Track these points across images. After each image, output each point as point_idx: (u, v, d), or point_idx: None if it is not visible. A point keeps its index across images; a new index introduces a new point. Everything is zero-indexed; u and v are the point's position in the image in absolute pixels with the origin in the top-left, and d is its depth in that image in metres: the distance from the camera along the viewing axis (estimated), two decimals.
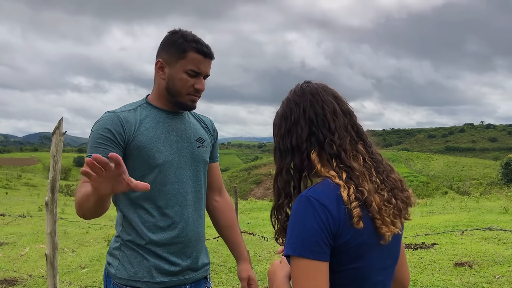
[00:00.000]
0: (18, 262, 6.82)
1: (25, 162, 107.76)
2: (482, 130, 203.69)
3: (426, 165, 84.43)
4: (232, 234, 1.99)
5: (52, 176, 2.89)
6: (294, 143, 1.20)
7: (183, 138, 1.77)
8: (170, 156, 1.71)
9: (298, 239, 1.06)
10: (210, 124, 1.95)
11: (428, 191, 46.22)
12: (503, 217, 10.38)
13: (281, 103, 1.29)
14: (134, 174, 1.64)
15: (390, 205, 1.14)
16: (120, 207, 1.72)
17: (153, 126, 1.71)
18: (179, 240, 1.72)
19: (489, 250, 6.62)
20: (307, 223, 1.06)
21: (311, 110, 1.20)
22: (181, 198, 1.73)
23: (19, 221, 11.29)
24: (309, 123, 1.19)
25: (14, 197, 29.32)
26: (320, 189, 1.12)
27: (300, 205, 1.10)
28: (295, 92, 1.25)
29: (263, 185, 66.08)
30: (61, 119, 2.89)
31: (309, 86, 1.25)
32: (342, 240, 1.08)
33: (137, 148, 1.65)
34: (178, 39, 1.69)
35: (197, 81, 1.71)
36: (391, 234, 1.12)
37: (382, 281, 1.17)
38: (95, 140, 1.61)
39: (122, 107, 1.73)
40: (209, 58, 1.71)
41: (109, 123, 1.62)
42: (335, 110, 1.20)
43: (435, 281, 5.23)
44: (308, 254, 1.05)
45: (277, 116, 1.28)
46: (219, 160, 2.02)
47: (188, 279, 1.76)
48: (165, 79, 1.72)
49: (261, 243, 7.62)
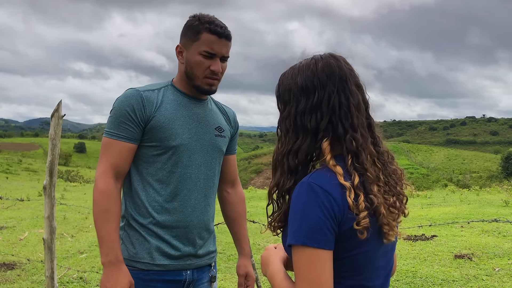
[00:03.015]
0: (17, 246, 6.82)
1: (25, 147, 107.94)
2: (484, 124, 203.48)
3: (427, 158, 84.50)
4: (238, 228, 1.98)
5: (51, 160, 2.85)
6: (313, 125, 1.11)
7: (202, 124, 1.76)
8: (186, 139, 1.70)
9: (302, 228, 1.02)
10: (232, 116, 1.94)
11: (428, 183, 46.23)
12: (503, 210, 10.37)
13: (301, 66, 1.16)
14: (149, 153, 1.68)
15: (395, 210, 1.11)
16: (132, 182, 1.71)
17: (173, 108, 1.70)
18: (182, 224, 1.70)
19: (489, 243, 6.61)
20: (310, 210, 1.02)
21: (336, 99, 1.10)
22: (191, 182, 1.71)
23: (18, 205, 11.30)
24: (330, 112, 1.10)
25: (14, 182, 29.40)
26: (321, 175, 1.06)
27: (302, 192, 1.04)
28: (323, 68, 1.12)
29: (263, 174, 66.23)
30: (59, 102, 2.84)
31: (339, 67, 1.13)
32: (348, 226, 1.03)
33: (154, 128, 1.65)
34: (194, 22, 1.69)
35: (212, 63, 1.68)
36: (394, 235, 1.09)
37: (384, 266, 1.14)
38: (118, 117, 1.64)
39: (147, 85, 1.74)
40: (224, 38, 1.68)
41: (131, 101, 1.64)
42: (359, 104, 1.12)
43: (435, 273, 5.22)
44: (312, 243, 1.00)
45: (294, 83, 1.15)
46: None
47: (189, 265, 1.74)
48: (184, 63, 1.72)
49: (261, 231, 7.62)
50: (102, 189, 1.61)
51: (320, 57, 1.16)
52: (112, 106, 1.68)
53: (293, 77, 1.16)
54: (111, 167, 1.63)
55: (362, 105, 1.14)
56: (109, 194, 1.61)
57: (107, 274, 1.56)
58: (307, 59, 1.17)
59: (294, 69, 1.17)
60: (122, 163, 1.64)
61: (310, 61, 1.16)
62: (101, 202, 1.60)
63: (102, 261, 1.57)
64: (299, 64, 1.18)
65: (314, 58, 1.16)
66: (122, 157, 1.64)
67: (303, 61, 1.17)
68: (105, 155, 1.64)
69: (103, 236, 1.58)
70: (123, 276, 1.57)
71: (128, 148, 1.65)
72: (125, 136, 1.63)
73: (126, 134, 1.63)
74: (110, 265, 1.56)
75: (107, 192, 1.61)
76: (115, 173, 1.64)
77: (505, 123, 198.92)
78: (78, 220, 9.71)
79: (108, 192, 1.61)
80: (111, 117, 1.66)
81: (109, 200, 1.60)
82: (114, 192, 1.62)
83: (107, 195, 1.61)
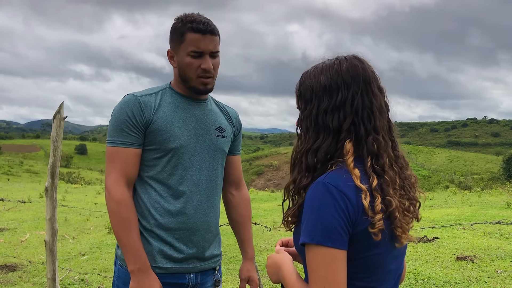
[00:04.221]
0: (18, 248, 6.82)
1: (27, 149, 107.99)
2: (485, 125, 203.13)
3: (428, 159, 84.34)
4: (242, 231, 1.96)
5: (52, 162, 2.85)
6: (336, 125, 1.11)
7: (202, 125, 1.75)
8: (186, 141, 1.69)
9: (316, 227, 1.02)
10: (234, 116, 1.92)
11: (430, 185, 46.19)
12: (506, 212, 10.35)
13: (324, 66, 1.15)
14: (149, 156, 1.68)
15: (409, 214, 1.11)
16: (134, 184, 1.71)
17: (171, 110, 1.70)
18: (185, 226, 1.69)
19: (491, 245, 6.59)
20: (325, 210, 1.02)
21: (360, 100, 1.11)
22: (192, 184, 1.70)
23: (20, 207, 11.30)
24: (353, 113, 1.10)
25: (15, 184, 29.42)
26: (337, 176, 1.06)
27: (317, 192, 1.05)
28: (347, 69, 1.13)
29: (264, 176, 66.20)
30: (61, 104, 2.84)
31: (363, 69, 1.13)
32: (362, 227, 1.03)
33: (154, 131, 1.66)
34: (177, 25, 1.68)
35: (202, 61, 1.66)
36: (406, 239, 1.10)
37: (395, 270, 1.14)
38: (118, 124, 1.64)
39: (145, 90, 1.74)
40: (209, 33, 1.65)
41: (130, 106, 1.64)
42: (381, 106, 1.13)
43: (437, 275, 5.20)
44: (327, 242, 1.01)
45: (316, 82, 1.14)
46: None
47: (193, 268, 1.72)
48: (177, 67, 1.72)
49: (263, 233, 7.61)
50: (118, 199, 1.61)
51: (345, 58, 1.16)
52: (111, 114, 1.68)
53: (316, 76, 1.15)
54: (121, 175, 1.63)
55: (384, 108, 1.15)
56: (126, 203, 1.62)
57: (139, 281, 1.59)
58: (331, 59, 1.17)
59: (317, 68, 1.17)
60: (130, 170, 1.65)
61: (334, 61, 1.16)
62: (120, 211, 1.61)
63: (130, 269, 1.60)
64: (322, 63, 1.17)
65: (338, 58, 1.16)
66: (130, 164, 1.64)
67: (327, 61, 1.17)
68: (112, 164, 1.64)
69: (127, 245, 1.59)
70: (153, 280, 1.60)
71: (134, 153, 1.65)
72: (129, 142, 1.63)
73: (130, 140, 1.63)
74: (140, 272, 1.59)
75: (123, 201, 1.61)
76: (126, 181, 1.64)
77: (507, 125, 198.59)
78: (79, 222, 9.71)
79: (124, 201, 1.61)
80: (112, 125, 1.66)
81: (127, 209, 1.61)
82: (130, 200, 1.64)
83: (124, 204, 1.61)
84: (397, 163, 1.15)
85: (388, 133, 1.15)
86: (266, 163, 72.49)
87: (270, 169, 67.13)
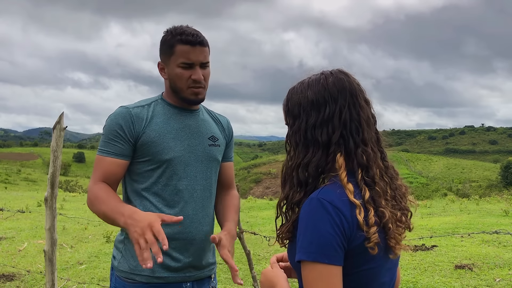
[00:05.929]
0: (16, 258, 6.79)
1: (24, 157, 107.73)
2: (483, 133, 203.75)
3: (426, 167, 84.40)
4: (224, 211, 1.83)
5: (52, 172, 2.86)
6: (325, 139, 1.12)
7: (195, 135, 1.76)
8: (179, 152, 1.70)
9: (312, 244, 1.02)
10: (226, 123, 1.94)
11: (428, 192, 46.18)
12: (504, 220, 10.35)
13: (310, 81, 1.17)
14: (142, 168, 1.70)
15: (401, 224, 1.12)
16: (128, 196, 1.73)
17: (163, 121, 1.72)
18: (182, 236, 1.70)
19: (490, 253, 6.59)
20: (321, 227, 1.02)
21: (347, 113, 1.12)
22: (188, 194, 1.71)
23: (18, 216, 11.26)
24: (342, 126, 1.12)
25: (13, 192, 29.31)
26: (331, 191, 1.07)
27: (312, 208, 1.05)
28: (333, 83, 1.14)
29: (262, 184, 66.08)
30: (62, 114, 2.85)
31: (349, 82, 1.15)
32: (357, 242, 1.04)
33: (146, 143, 1.67)
34: (167, 37, 1.71)
35: (192, 72, 1.69)
36: (400, 249, 1.11)
37: (388, 282, 1.15)
38: (107, 134, 1.67)
39: (137, 102, 1.76)
40: (198, 45, 1.67)
41: (120, 119, 1.67)
42: (368, 118, 1.15)
43: (435, 284, 5.21)
44: (323, 259, 1.01)
45: (304, 97, 1.16)
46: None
47: (189, 277, 1.73)
48: (168, 79, 1.74)
49: (262, 242, 7.60)
50: (91, 189, 1.65)
51: (330, 72, 1.17)
52: (104, 125, 1.71)
53: (303, 92, 1.16)
54: (99, 179, 1.66)
55: (372, 120, 1.16)
56: (97, 187, 1.63)
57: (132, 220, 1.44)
58: (316, 75, 1.19)
59: (304, 84, 1.18)
60: (110, 176, 1.66)
61: (320, 76, 1.17)
62: (91, 193, 1.63)
63: (122, 222, 1.48)
64: (308, 79, 1.19)
65: (323, 73, 1.18)
66: (110, 171, 1.66)
67: (312, 76, 1.18)
68: (95, 171, 1.68)
69: (106, 211, 1.55)
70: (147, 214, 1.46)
71: (117, 163, 1.66)
72: (113, 152, 1.66)
73: (114, 150, 1.66)
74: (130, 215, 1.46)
75: (95, 187, 1.64)
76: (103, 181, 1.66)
77: (504, 132, 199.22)
78: (77, 230, 9.67)
79: (95, 187, 1.63)
80: (102, 135, 1.70)
81: (99, 189, 1.62)
82: (102, 185, 1.64)
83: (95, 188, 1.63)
84: (387, 173, 1.16)
85: (376, 144, 1.16)
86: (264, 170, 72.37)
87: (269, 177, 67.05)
